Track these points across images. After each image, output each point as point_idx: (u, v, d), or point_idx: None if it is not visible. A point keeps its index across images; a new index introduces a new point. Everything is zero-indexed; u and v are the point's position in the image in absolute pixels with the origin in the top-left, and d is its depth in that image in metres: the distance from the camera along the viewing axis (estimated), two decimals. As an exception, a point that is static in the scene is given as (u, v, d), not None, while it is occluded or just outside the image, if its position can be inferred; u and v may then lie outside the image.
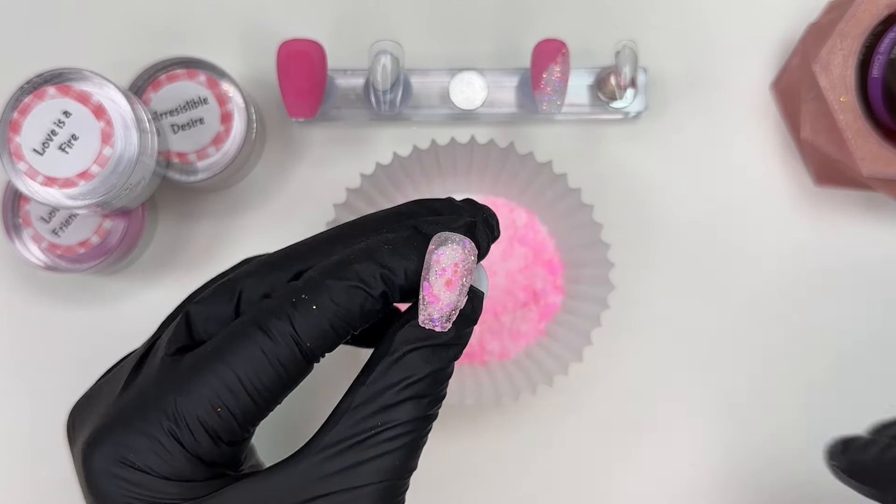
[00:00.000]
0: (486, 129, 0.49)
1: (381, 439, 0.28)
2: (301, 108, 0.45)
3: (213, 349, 0.29)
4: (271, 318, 0.28)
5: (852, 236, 0.50)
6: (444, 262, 0.28)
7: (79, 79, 0.41)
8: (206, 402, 0.28)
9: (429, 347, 0.29)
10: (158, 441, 0.28)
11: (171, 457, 0.28)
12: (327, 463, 0.28)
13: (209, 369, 0.28)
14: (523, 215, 0.49)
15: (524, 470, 0.49)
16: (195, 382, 0.28)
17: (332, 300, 0.28)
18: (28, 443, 0.48)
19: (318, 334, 0.28)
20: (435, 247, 0.28)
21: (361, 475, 0.28)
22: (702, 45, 0.50)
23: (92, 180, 0.40)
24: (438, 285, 0.28)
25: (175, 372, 0.29)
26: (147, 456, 0.28)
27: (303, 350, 0.28)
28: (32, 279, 0.49)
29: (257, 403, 0.29)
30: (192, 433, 0.28)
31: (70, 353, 0.49)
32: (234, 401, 0.28)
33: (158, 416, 0.28)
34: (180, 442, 0.28)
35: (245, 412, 0.29)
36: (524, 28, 0.49)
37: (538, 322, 0.48)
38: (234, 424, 0.29)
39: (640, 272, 0.49)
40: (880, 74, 0.41)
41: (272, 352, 0.28)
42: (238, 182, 0.49)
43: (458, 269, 0.28)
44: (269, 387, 0.29)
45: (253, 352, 0.28)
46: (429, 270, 0.28)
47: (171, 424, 0.28)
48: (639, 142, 0.50)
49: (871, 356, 0.49)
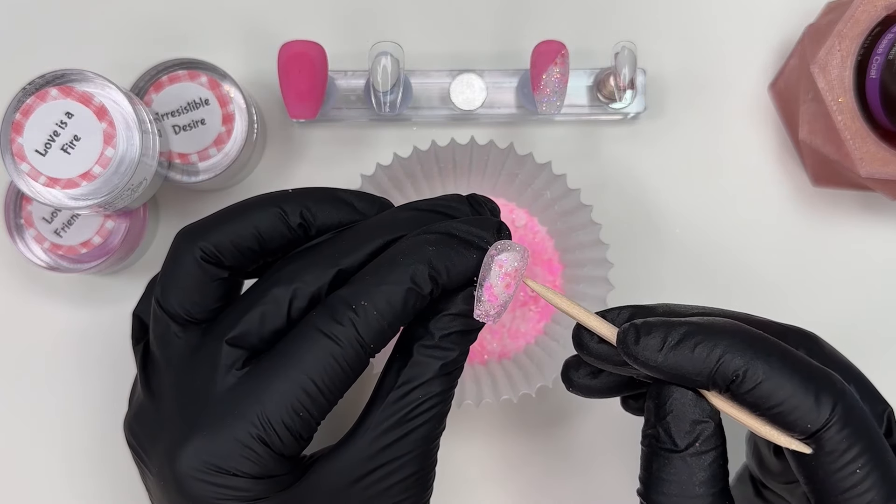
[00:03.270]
0: (485, 129, 0.49)
1: (421, 410, 0.33)
2: (302, 109, 0.45)
3: (285, 358, 0.32)
4: (334, 325, 0.32)
5: (850, 237, 0.50)
6: (506, 267, 0.32)
7: (81, 80, 0.41)
8: (288, 407, 0.32)
9: (459, 333, 0.34)
10: (249, 448, 0.32)
11: (261, 458, 0.32)
12: (382, 437, 0.33)
13: (287, 378, 0.32)
14: (523, 216, 0.49)
15: (524, 470, 0.49)
16: (276, 392, 0.32)
17: (390, 303, 0.32)
18: (28, 442, 0.49)
19: (379, 335, 0.32)
20: (497, 252, 0.33)
21: (408, 444, 0.33)
22: (700, 47, 0.50)
23: (94, 181, 0.41)
24: (499, 287, 0.33)
25: (253, 383, 0.32)
26: (238, 461, 0.32)
27: (366, 350, 0.32)
28: (35, 279, 0.49)
29: (330, 401, 0.33)
30: (279, 437, 0.32)
31: (72, 353, 0.49)
32: (311, 403, 0.32)
33: (246, 426, 0.32)
34: (269, 445, 0.32)
35: (321, 410, 0.33)
36: (524, 29, 0.50)
37: (538, 322, 0.48)
38: (312, 423, 0.33)
39: (639, 272, 0.49)
40: (878, 75, 0.41)
41: (341, 356, 0.32)
42: (239, 183, 0.49)
43: (517, 273, 0.33)
44: (339, 386, 0.33)
45: (324, 358, 0.32)
46: (489, 272, 0.33)
47: (259, 431, 0.32)
48: (638, 142, 0.50)
49: (871, 356, 0.50)
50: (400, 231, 0.34)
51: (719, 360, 0.31)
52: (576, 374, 0.36)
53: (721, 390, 0.32)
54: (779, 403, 0.31)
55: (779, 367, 0.31)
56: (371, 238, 0.34)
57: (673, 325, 0.32)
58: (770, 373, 0.31)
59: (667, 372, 0.32)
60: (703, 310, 0.35)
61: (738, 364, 0.31)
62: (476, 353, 0.48)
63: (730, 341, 0.31)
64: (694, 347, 0.31)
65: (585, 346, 0.34)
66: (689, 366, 0.31)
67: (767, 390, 0.31)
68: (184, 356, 0.34)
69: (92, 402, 0.49)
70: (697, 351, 0.31)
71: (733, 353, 0.31)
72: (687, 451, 0.32)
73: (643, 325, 0.32)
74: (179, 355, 0.34)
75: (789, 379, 0.31)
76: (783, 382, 0.31)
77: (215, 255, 0.35)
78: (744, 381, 0.31)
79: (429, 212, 0.35)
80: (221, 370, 0.33)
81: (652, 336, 0.32)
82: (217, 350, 0.33)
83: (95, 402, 0.49)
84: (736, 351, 0.31)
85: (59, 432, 0.49)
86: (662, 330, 0.32)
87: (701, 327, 0.31)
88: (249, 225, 0.35)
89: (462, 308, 0.34)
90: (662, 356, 0.31)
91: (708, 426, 0.32)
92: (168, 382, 0.34)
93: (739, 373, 0.31)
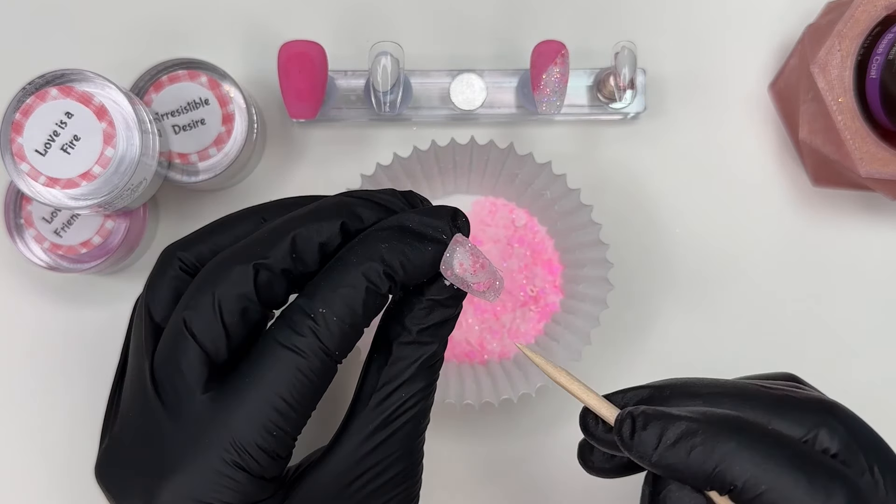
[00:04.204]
0: (485, 129, 0.49)
1: (406, 409, 0.33)
2: (302, 108, 0.45)
3: (249, 378, 0.31)
4: (295, 337, 0.31)
5: (850, 237, 0.50)
6: (466, 265, 0.32)
7: (81, 80, 0.41)
8: (260, 428, 0.31)
9: (436, 325, 0.33)
10: (226, 475, 0.31)
11: (240, 485, 0.31)
12: (368, 440, 0.32)
13: (254, 398, 0.31)
14: (523, 216, 0.49)
15: (524, 470, 0.49)
16: (246, 414, 0.31)
17: (348, 306, 0.31)
18: (29, 442, 0.49)
19: (342, 341, 0.31)
20: (448, 261, 0.32)
21: (394, 444, 0.33)
22: (700, 46, 0.50)
23: (94, 181, 0.41)
24: (478, 277, 0.32)
25: (220, 408, 0.31)
26: (219, 491, 0.31)
27: (332, 357, 0.31)
28: (34, 279, 0.49)
29: (301, 415, 0.32)
30: (256, 460, 0.31)
31: (72, 353, 0.49)
32: (283, 420, 0.31)
33: (220, 453, 0.31)
34: (247, 470, 0.31)
35: (295, 426, 0.32)
36: (524, 29, 0.50)
37: (538, 322, 0.48)
38: (287, 440, 0.32)
39: (639, 272, 0.49)
40: (878, 75, 0.41)
41: (307, 368, 0.31)
42: (239, 182, 0.49)
43: (476, 259, 0.32)
44: (309, 398, 0.31)
45: (290, 372, 0.31)
46: (464, 275, 0.32)
47: (234, 457, 0.31)
48: (638, 142, 0.50)
49: (870, 355, 0.50)
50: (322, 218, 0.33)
51: (716, 467, 0.29)
52: (590, 457, 0.34)
53: (722, 493, 0.30)
54: None
55: (781, 472, 0.29)
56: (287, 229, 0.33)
57: (671, 419, 0.30)
58: (773, 482, 0.28)
59: (663, 469, 0.30)
60: (718, 387, 0.32)
61: (737, 474, 0.29)
62: (476, 352, 0.48)
63: (730, 445, 0.29)
64: (690, 450, 0.29)
65: (591, 432, 0.32)
66: (685, 468, 0.29)
67: (770, 500, 0.29)
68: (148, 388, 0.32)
69: (92, 402, 0.48)
70: (694, 455, 0.29)
71: (732, 461, 0.29)
72: None
73: (640, 417, 0.30)
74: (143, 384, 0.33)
75: (794, 486, 0.28)
76: (786, 490, 0.28)
77: (195, 266, 0.34)
78: (743, 490, 0.29)
79: (361, 199, 0.34)
80: (185, 397, 0.31)
81: (648, 431, 0.30)
82: (179, 376, 0.32)
83: (96, 402, 0.48)
84: (735, 458, 0.29)
85: (59, 432, 0.49)
86: (659, 426, 0.30)
87: (700, 427, 0.29)
88: (230, 235, 0.34)
89: (435, 299, 0.33)
90: (658, 455, 0.29)
91: None
92: (134, 415, 0.33)
93: (738, 483, 0.29)
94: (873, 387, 0.49)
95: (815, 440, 0.30)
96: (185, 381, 0.31)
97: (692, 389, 0.32)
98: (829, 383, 0.49)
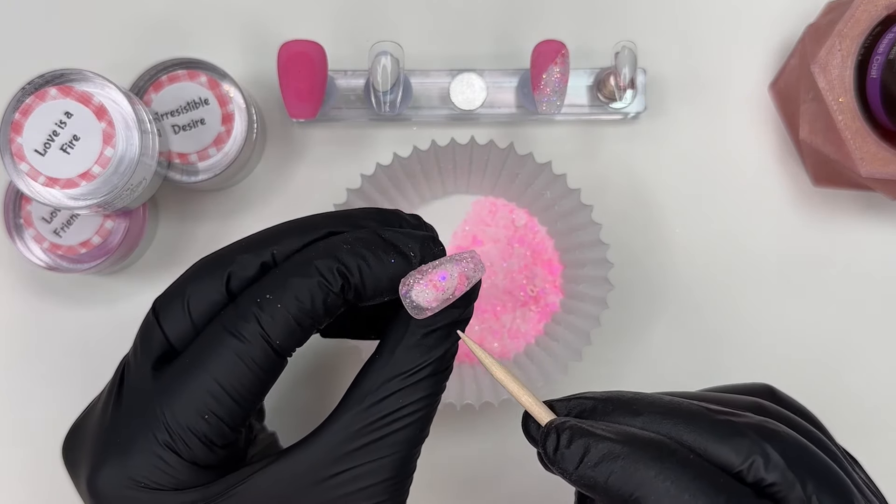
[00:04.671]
0: (485, 129, 0.49)
1: (401, 415, 0.31)
2: (302, 108, 0.45)
3: (190, 359, 0.30)
4: (240, 322, 0.30)
5: (850, 236, 0.50)
6: (429, 296, 0.31)
7: (80, 80, 0.41)
8: (192, 411, 0.30)
9: (443, 328, 0.32)
10: (158, 456, 0.30)
11: (173, 469, 0.30)
12: (353, 439, 0.31)
13: (191, 379, 0.30)
14: (523, 216, 0.49)
15: (524, 470, 0.49)
16: (180, 394, 0.30)
17: (296, 297, 0.30)
18: (29, 442, 0.48)
19: (286, 331, 0.30)
20: (417, 308, 0.31)
21: (383, 448, 0.31)
22: (700, 46, 0.50)
23: (93, 181, 0.41)
24: (450, 290, 0.31)
25: (160, 388, 0.30)
26: (152, 472, 0.30)
27: (273, 347, 0.30)
28: (34, 279, 0.49)
29: (240, 404, 0.30)
30: (187, 443, 0.30)
31: (71, 353, 0.49)
32: (218, 406, 0.30)
33: (153, 432, 0.30)
34: (177, 453, 0.30)
35: (231, 414, 0.30)
36: (524, 29, 0.50)
37: (538, 322, 0.48)
38: (223, 427, 0.30)
39: (639, 272, 0.49)
40: (878, 75, 0.41)
41: (246, 354, 0.30)
42: (239, 182, 0.49)
43: (432, 280, 0.31)
44: (248, 387, 0.30)
45: (228, 357, 0.30)
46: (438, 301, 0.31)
47: (167, 438, 0.30)
48: (638, 142, 0.50)
49: (870, 355, 0.50)
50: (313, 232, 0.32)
51: (632, 495, 0.28)
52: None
53: None
54: None
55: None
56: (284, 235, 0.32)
57: (596, 439, 0.29)
58: None
59: (583, 487, 0.29)
60: (662, 406, 0.31)
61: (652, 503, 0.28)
62: (476, 353, 0.48)
63: (648, 474, 0.28)
64: (609, 475, 0.28)
65: (531, 435, 0.31)
66: (604, 491, 0.29)
67: None
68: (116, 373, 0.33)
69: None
70: (612, 479, 0.28)
71: (649, 490, 0.28)
72: None
73: (565, 433, 0.29)
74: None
75: None
76: None
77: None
78: None
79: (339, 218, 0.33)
80: (137, 377, 0.31)
81: (571, 449, 0.29)
82: (136, 356, 0.31)
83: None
84: (652, 487, 0.28)
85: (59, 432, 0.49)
86: (583, 444, 0.29)
87: (624, 450, 0.29)
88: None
89: None
90: (577, 474, 0.29)
91: None
92: (102, 398, 0.33)
93: None
94: (873, 386, 0.49)
95: (750, 469, 0.29)
96: (138, 362, 0.31)
97: (635, 407, 0.31)
98: (830, 383, 0.49)
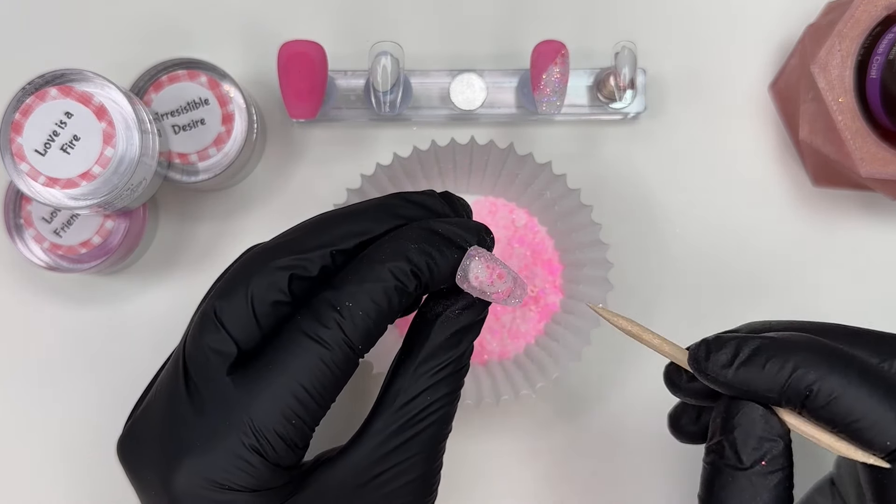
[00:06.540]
0: (485, 129, 0.49)
1: (429, 412, 0.33)
2: (302, 108, 0.45)
3: (273, 365, 0.31)
4: (321, 328, 0.31)
5: (850, 237, 0.50)
6: (482, 277, 0.33)
7: (80, 80, 0.41)
8: (279, 415, 0.31)
9: (464, 329, 0.34)
10: (242, 458, 0.31)
11: (256, 470, 0.31)
12: (389, 441, 0.33)
13: (276, 384, 0.31)
14: (523, 216, 0.49)
15: (524, 470, 0.49)
16: (267, 399, 0.31)
17: (374, 301, 0.31)
18: (29, 442, 0.49)
19: (366, 335, 0.32)
20: (464, 274, 0.33)
21: (414, 446, 0.33)
22: (700, 46, 0.50)
23: (93, 181, 0.41)
24: (496, 287, 0.33)
25: (242, 392, 0.31)
26: (234, 474, 0.31)
27: (355, 351, 0.32)
28: (34, 279, 0.49)
29: (321, 406, 0.32)
30: (273, 446, 0.31)
31: (72, 353, 0.49)
32: (303, 409, 0.31)
33: (238, 436, 0.31)
34: (263, 455, 0.31)
35: (313, 416, 0.32)
36: (524, 29, 0.50)
37: (537, 322, 0.48)
38: (305, 429, 0.32)
39: (639, 272, 0.49)
40: (878, 75, 0.41)
41: (330, 359, 0.31)
42: (239, 182, 0.49)
43: (493, 269, 0.33)
44: (330, 390, 0.32)
45: (313, 362, 0.31)
46: (481, 287, 0.33)
47: (252, 441, 0.31)
48: (638, 142, 0.50)
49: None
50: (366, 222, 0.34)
51: (791, 374, 0.30)
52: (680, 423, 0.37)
53: (795, 407, 0.31)
54: (856, 419, 0.30)
55: (856, 381, 0.30)
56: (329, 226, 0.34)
57: (745, 340, 0.31)
58: (846, 387, 0.30)
59: (737, 388, 0.31)
60: (790, 324, 0.34)
61: (811, 378, 0.30)
62: (476, 353, 0.48)
63: (803, 356, 0.30)
64: (765, 363, 0.30)
65: (676, 383, 0.34)
66: (761, 381, 0.31)
67: (844, 405, 0.30)
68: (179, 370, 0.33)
69: (92, 403, 0.48)
70: (768, 367, 0.30)
71: (806, 368, 0.30)
72: (752, 470, 0.31)
73: (714, 341, 0.32)
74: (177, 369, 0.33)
75: (868, 394, 0.30)
76: (861, 397, 0.30)
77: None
78: (818, 395, 0.30)
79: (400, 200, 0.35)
80: (210, 380, 0.32)
81: (723, 352, 0.31)
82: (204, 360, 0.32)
83: (95, 403, 0.49)
84: (809, 365, 0.30)
85: (59, 433, 0.49)
86: (733, 345, 0.31)
87: (774, 342, 0.31)
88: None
89: (462, 303, 0.34)
90: (732, 372, 0.31)
91: (776, 445, 0.31)
92: (161, 396, 0.33)
93: (813, 388, 0.30)
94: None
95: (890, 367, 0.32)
96: (211, 364, 0.32)
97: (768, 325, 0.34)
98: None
